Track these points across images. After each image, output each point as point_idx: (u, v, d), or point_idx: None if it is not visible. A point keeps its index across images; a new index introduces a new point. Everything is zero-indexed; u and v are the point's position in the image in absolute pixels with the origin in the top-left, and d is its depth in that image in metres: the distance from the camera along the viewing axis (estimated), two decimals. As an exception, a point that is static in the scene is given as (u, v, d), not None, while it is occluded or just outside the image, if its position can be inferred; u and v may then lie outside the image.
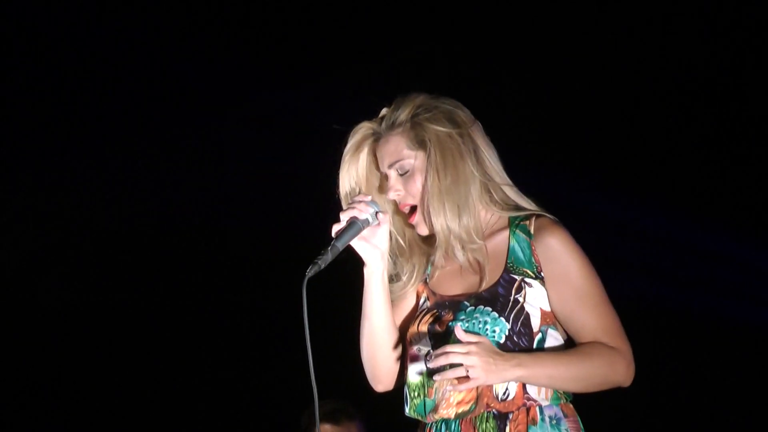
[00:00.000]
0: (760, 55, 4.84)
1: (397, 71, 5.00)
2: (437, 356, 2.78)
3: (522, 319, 2.89)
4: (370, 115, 3.08)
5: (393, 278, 3.07)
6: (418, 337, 2.97)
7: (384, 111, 3.07)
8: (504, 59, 4.99)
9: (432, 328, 2.95)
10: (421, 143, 2.98)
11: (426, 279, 3.08)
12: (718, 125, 4.97)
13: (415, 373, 2.97)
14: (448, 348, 2.77)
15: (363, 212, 2.93)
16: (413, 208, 3.01)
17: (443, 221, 2.94)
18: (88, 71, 5.25)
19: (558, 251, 2.90)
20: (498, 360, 2.78)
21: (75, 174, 5.49)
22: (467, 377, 2.77)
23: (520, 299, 2.90)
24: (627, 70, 4.95)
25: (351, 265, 2.99)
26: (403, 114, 3.02)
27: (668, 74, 4.92)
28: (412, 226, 3.05)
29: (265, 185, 5.45)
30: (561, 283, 2.89)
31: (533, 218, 2.96)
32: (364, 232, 2.94)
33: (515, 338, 2.88)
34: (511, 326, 2.88)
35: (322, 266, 2.85)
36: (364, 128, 3.08)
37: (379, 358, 3.03)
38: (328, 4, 5.18)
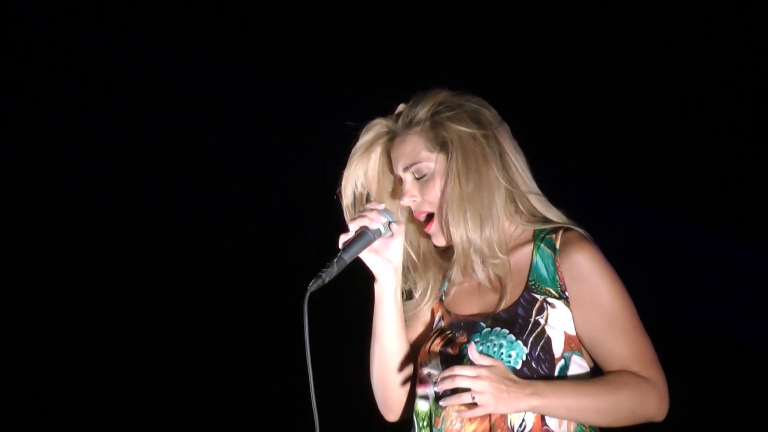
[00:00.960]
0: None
1: (403, 72, 4.81)
2: (444, 379, 2.49)
3: (542, 343, 2.61)
4: (375, 116, 2.82)
5: (405, 295, 2.80)
6: (429, 360, 2.71)
7: (401, 107, 2.80)
8: (516, 59, 4.85)
9: (444, 350, 2.69)
10: (441, 144, 2.71)
11: (442, 296, 2.81)
12: (752, 132, 4.79)
13: (423, 399, 2.72)
14: (456, 370, 2.49)
15: (374, 222, 2.66)
16: (430, 217, 2.74)
17: (463, 232, 2.66)
18: (78, 72, 5.14)
19: (585, 269, 2.61)
20: (511, 387, 2.50)
21: (66, 178, 5.37)
22: (475, 404, 2.50)
23: (541, 321, 2.62)
24: (660, 74, 4.78)
25: (360, 278, 2.75)
26: (423, 111, 2.74)
27: (706, 79, 4.74)
28: (428, 237, 2.78)
29: (264, 189, 5.30)
30: (588, 305, 2.61)
31: (560, 232, 2.68)
32: (375, 244, 2.67)
33: (533, 364, 2.60)
34: (530, 351, 2.60)
35: (327, 280, 2.57)
36: (378, 125, 2.80)
37: (390, 384, 2.77)
38: (328, 3, 5.06)
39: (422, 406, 2.71)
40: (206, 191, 5.39)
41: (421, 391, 2.72)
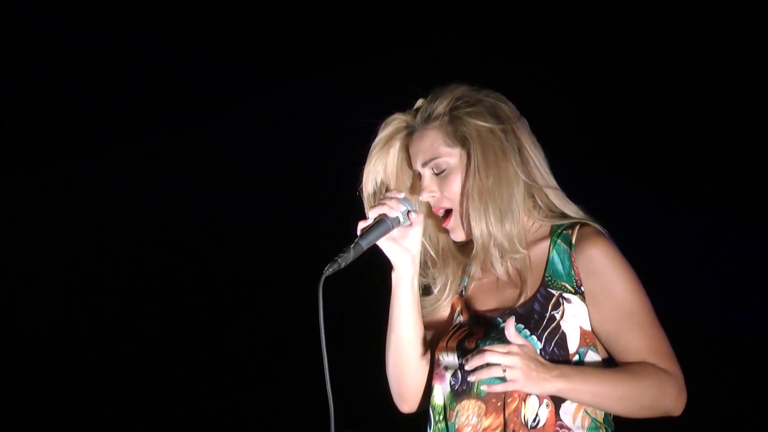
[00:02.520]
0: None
1: (407, 70, 4.79)
2: (475, 355, 2.47)
3: (557, 338, 2.62)
4: (380, 114, 2.82)
5: (423, 290, 2.81)
6: (446, 354, 2.72)
7: (419, 102, 2.80)
8: (523, 56, 4.82)
9: (462, 344, 2.70)
10: (460, 140, 2.71)
11: (462, 291, 2.82)
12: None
13: (439, 393, 2.73)
14: (487, 346, 2.47)
15: (394, 210, 2.66)
16: (448, 212, 2.74)
17: (484, 227, 2.67)
18: (79, 72, 5.10)
19: (601, 264, 2.62)
20: (540, 368, 2.49)
21: (68, 178, 5.34)
22: (503, 382, 2.49)
23: (557, 316, 2.63)
24: (675, 71, 4.77)
25: (375, 267, 2.74)
26: (441, 106, 2.74)
27: (721, 76, 4.73)
28: (447, 232, 2.78)
29: (267, 187, 5.27)
30: (604, 300, 2.61)
31: (577, 227, 2.69)
32: (394, 233, 2.67)
33: (548, 359, 2.59)
34: (544, 346, 2.61)
35: (342, 265, 2.57)
36: (396, 120, 2.80)
37: (405, 374, 2.76)
38: (330, 2, 5.03)
39: (438, 400, 2.72)
40: (209, 190, 5.37)
41: (437, 385, 2.73)
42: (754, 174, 4.79)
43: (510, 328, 2.49)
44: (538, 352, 2.59)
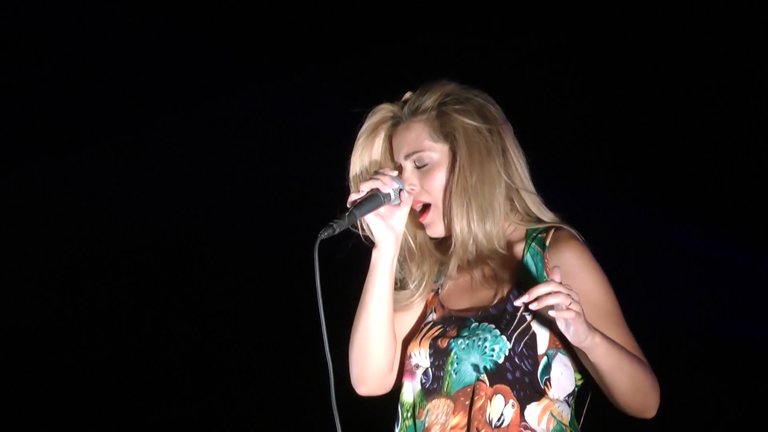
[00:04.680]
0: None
1: (387, 66, 4.74)
2: (536, 288, 2.45)
3: (526, 339, 2.64)
4: (357, 111, 2.83)
5: (399, 285, 2.82)
6: (418, 351, 2.73)
7: (408, 95, 2.82)
8: (507, 53, 4.83)
9: (434, 343, 2.72)
10: (445, 135, 2.73)
11: (438, 290, 2.83)
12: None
13: (409, 391, 2.75)
14: (552, 283, 2.46)
15: (387, 186, 2.68)
16: (426, 207, 2.76)
17: (465, 224, 2.69)
18: (54, 67, 5.09)
19: (574, 266, 2.64)
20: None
21: (37, 176, 5.32)
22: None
23: (528, 317, 2.65)
24: (659, 72, 4.79)
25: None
26: (430, 100, 2.76)
27: (708, 79, 4.75)
28: (424, 228, 2.80)
29: (246, 185, 5.26)
30: (580, 301, 2.59)
31: (552, 230, 2.72)
32: (382, 210, 2.70)
33: (516, 360, 2.63)
34: (513, 346, 2.63)
35: (337, 230, 2.62)
36: (383, 110, 2.81)
37: (369, 355, 2.77)
38: None
39: (407, 398, 2.74)
40: (187, 188, 5.34)
41: (407, 383, 2.75)
42: (749, 179, 4.80)
43: (557, 276, 2.48)
44: (507, 352, 2.62)
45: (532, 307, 2.45)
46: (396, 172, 2.72)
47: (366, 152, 2.81)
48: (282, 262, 2.91)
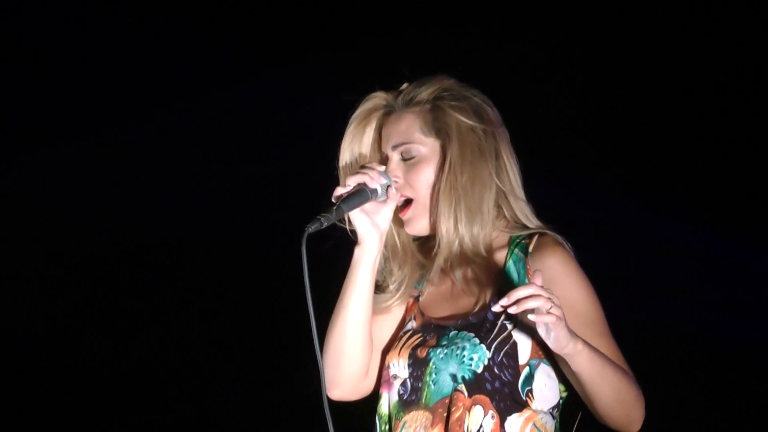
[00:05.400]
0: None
1: (371, 61, 4.64)
2: (512, 294, 2.36)
3: (506, 348, 2.54)
4: (342, 107, 2.76)
5: (378, 287, 2.72)
6: (397, 361, 2.65)
7: (404, 86, 2.73)
8: (494, 46, 4.75)
9: (413, 353, 2.63)
10: (437, 131, 2.65)
11: (418, 297, 2.74)
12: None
13: (386, 402, 2.66)
14: (535, 285, 2.37)
15: (374, 181, 2.59)
16: (408, 202, 2.67)
17: (451, 224, 2.61)
18: (27, 62, 5.00)
19: (558, 272, 2.54)
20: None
21: (12, 173, 5.22)
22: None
23: (509, 326, 2.55)
24: (651, 70, 4.75)
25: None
26: (425, 93, 2.68)
27: (702, 78, 4.71)
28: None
29: (227, 184, 5.18)
30: (563, 309, 2.48)
31: (535, 237, 2.63)
32: (367, 206, 2.61)
33: (496, 369, 2.53)
34: (492, 355, 2.54)
35: (325, 224, 2.53)
36: (377, 98, 2.73)
37: (345, 357, 2.67)
38: None
39: (384, 409, 2.66)
40: (175, 185, 5.25)
41: (385, 393, 2.67)
42: (748, 178, 4.76)
43: (537, 279, 2.40)
44: (486, 361, 2.53)
45: (512, 310, 2.35)
46: (383, 167, 2.64)
47: (356, 140, 2.73)
48: (273, 260, 2.86)
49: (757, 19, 4.61)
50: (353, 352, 2.66)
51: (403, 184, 2.66)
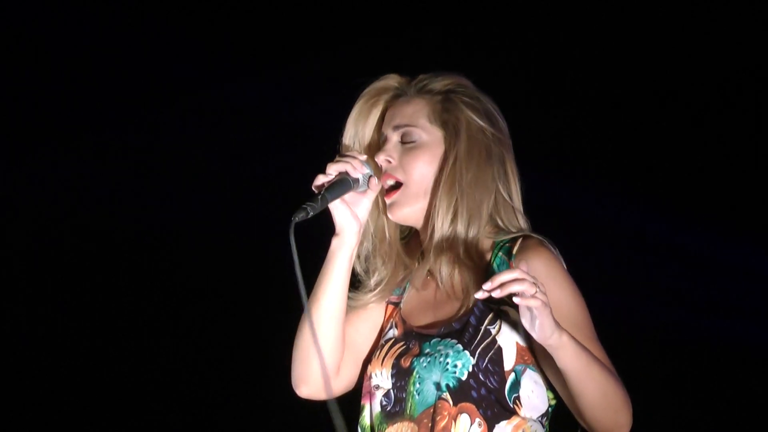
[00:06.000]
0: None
1: (367, 60, 4.64)
2: (497, 277, 2.30)
3: (491, 354, 2.48)
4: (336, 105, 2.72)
5: (357, 283, 2.67)
6: (380, 371, 2.58)
7: (421, 76, 2.68)
8: (493, 46, 4.73)
9: (397, 362, 2.56)
10: (443, 122, 2.60)
11: (400, 304, 2.67)
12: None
13: (368, 414, 2.60)
14: (520, 270, 2.31)
15: (357, 170, 2.54)
16: (397, 185, 2.61)
17: (448, 222, 2.55)
18: (15, 59, 4.97)
19: (542, 275, 2.44)
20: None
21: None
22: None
23: (493, 331, 2.49)
24: (651, 70, 4.71)
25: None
26: (440, 84, 2.64)
27: (699, 78, 4.68)
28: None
29: (217, 183, 5.14)
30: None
31: (519, 239, 2.55)
32: (347, 196, 2.55)
33: (481, 376, 2.47)
34: (476, 362, 2.47)
35: (311, 213, 2.47)
36: (390, 79, 2.68)
37: (315, 353, 2.59)
38: None
39: (366, 421, 2.60)
40: (156, 185, 5.23)
41: (367, 404, 2.61)
42: (748, 178, 4.73)
43: (523, 266, 2.34)
44: (470, 368, 2.47)
45: (495, 294, 2.29)
46: (365, 156, 2.58)
47: (362, 117, 2.68)
48: (272, 260, 2.84)
49: (758, 19, 4.59)
50: (325, 349, 2.59)
51: (396, 166, 2.61)
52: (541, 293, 2.30)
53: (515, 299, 2.30)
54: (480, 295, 2.33)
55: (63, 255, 5.37)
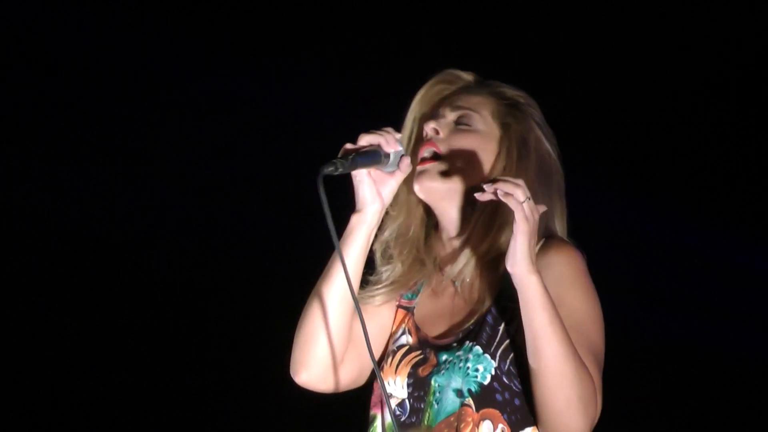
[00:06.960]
0: None
1: (377, 59, 4.54)
2: (495, 183, 2.23)
3: (512, 356, 2.38)
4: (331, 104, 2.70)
5: (368, 276, 2.55)
6: (394, 379, 2.47)
7: (493, 81, 2.60)
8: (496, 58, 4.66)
9: (413, 372, 2.45)
10: (504, 125, 2.50)
11: (412, 310, 2.56)
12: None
13: (379, 425, 2.49)
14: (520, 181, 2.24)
15: (390, 146, 2.39)
16: (434, 157, 2.49)
17: (490, 231, 2.45)
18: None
19: (557, 271, 2.36)
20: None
21: None
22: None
23: (512, 331, 2.39)
24: (652, 70, 4.74)
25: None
26: (511, 92, 2.54)
27: (701, 77, 4.71)
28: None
29: (208, 180, 5.10)
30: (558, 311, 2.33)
31: (542, 240, 2.44)
32: (374, 173, 2.41)
33: (504, 379, 2.38)
34: (498, 364, 2.38)
35: (339, 170, 2.33)
36: (465, 74, 2.59)
37: (321, 336, 2.44)
38: None
39: (379, 430, 2.49)
40: (143, 183, 5.19)
41: (378, 413, 2.50)
42: (750, 179, 4.77)
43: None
44: (493, 371, 2.38)
45: (487, 187, 2.23)
46: (399, 135, 2.44)
47: (426, 99, 2.58)
48: (272, 259, 2.83)
49: (758, 19, 4.61)
50: (331, 332, 2.45)
51: (443, 138, 2.50)
52: (530, 205, 2.23)
53: (500, 195, 2.24)
54: (481, 196, 2.26)
55: (56, 254, 5.36)
